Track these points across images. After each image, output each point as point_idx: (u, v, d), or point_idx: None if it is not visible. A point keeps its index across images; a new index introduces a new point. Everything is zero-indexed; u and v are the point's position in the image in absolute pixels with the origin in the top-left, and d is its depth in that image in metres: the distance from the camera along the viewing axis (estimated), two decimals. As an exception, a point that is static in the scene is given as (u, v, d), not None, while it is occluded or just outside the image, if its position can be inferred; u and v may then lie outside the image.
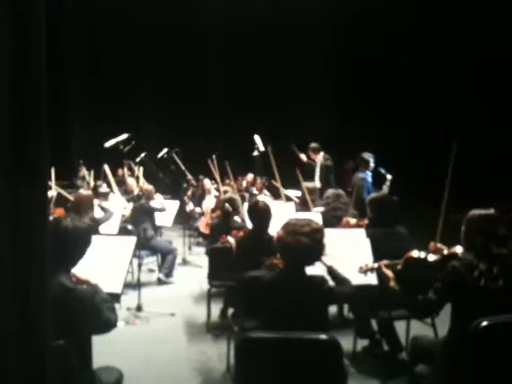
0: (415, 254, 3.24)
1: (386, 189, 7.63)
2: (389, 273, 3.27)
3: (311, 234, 2.73)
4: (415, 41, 12.63)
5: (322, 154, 8.57)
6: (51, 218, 3.22)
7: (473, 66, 12.09)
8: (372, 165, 7.89)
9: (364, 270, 3.52)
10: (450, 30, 12.06)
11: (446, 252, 3.16)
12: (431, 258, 3.19)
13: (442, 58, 12.49)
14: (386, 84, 12.81)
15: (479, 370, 2.59)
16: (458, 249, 3.09)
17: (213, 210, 7.40)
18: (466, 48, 12.08)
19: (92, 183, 9.96)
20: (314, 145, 8.62)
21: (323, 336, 2.35)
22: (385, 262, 3.42)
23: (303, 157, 8.96)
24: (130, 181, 8.50)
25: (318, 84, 13.33)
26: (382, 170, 7.78)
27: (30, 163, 1.43)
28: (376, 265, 3.53)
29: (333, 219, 5.55)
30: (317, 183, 6.92)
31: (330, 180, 8.36)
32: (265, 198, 7.93)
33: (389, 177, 7.64)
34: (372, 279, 3.70)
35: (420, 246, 3.64)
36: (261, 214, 4.47)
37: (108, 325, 2.59)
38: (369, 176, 7.90)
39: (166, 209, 7.43)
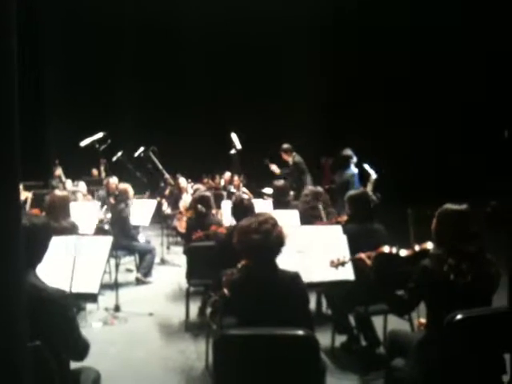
0: (386, 249, 3.27)
1: (370, 186, 7.66)
2: (367, 263, 3.31)
3: (259, 227, 2.75)
4: (396, 41, 12.78)
5: (294, 154, 8.57)
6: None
7: (458, 67, 12.29)
8: (354, 160, 7.91)
9: (336, 265, 3.55)
10: (431, 30, 12.25)
11: (417, 248, 3.19)
12: (403, 253, 3.22)
13: (431, 58, 12.69)
14: (367, 83, 12.95)
15: (453, 363, 2.63)
16: (429, 245, 3.12)
17: (186, 210, 7.38)
18: (452, 47, 12.27)
19: (68, 183, 9.88)
20: (285, 146, 8.60)
21: (300, 332, 2.36)
22: (362, 255, 3.46)
23: (274, 168, 8.91)
24: (112, 180, 8.40)
25: (296, 83, 13.40)
26: (367, 167, 7.81)
27: (1, 164, 1.41)
28: (347, 259, 3.57)
29: (311, 218, 5.59)
30: (282, 183, 6.91)
31: (304, 180, 8.34)
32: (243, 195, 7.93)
33: (373, 176, 7.68)
34: (349, 275, 3.73)
35: (396, 243, 3.67)
36: (245, 212, 4.48)
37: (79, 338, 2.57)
38: (356, 172, 7.94)
39: (138, 235, 7.35)
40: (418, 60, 12.81)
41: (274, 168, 8.89)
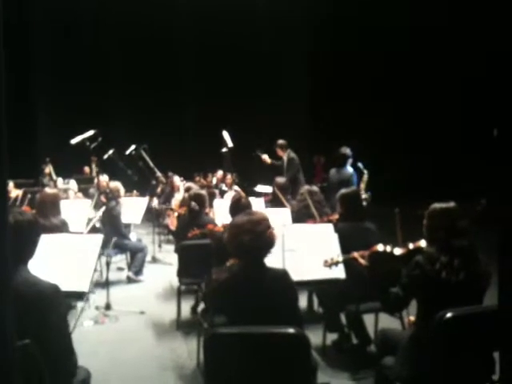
0: (380, 247, 3.27)
1: (363, 185, 7.66)
2: (362, 261, 3.32)
3: (252, 228, 2.72)
4: (389, 41, 12.81)
5: (288, 151, 8.53)
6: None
7: (446, 66, 12.35)
8: (351, 160, 7.90)
9: (329, 264, 3.55)
10: (423, 30, 12.30)
11: (411, 246, 3.20)
12: (397, 251, 3.23)
13: (416, 58, 12.73)
14: (359, 82, 12.98)
15: (443, 361, 2.64)
16: (423, 243, 3.13)
17: (179, 207, 7.35)
18: (439, 47, 12.33)
19: (59, 181, 9.83)
20: (281, 141, 8.54)
21: (291, 330, 2.36)
22: (355, 254, 3.46)
23: (266, 157, 8.86)
24: (102, 178, 8.37)
25: (288, 81, 13.44)
26: (360, 165, 7.81)
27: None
28: (341, 258, 3.57)
29: (304, 216, 5.59)
30: (285, 180, 6.89)
31: (298, 177, 8.31)
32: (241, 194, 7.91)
33: (366, 175, 7.68)
34: (340, 273, 3.73)
35: (388, 242, 3.67)
36: (243, 210, 4.47)
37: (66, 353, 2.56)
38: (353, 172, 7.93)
39: (129, 236, 7.32)
40: (410, 59, 12.87)
41: (266, 157, 8.80)
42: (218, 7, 13.23)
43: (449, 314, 2.58)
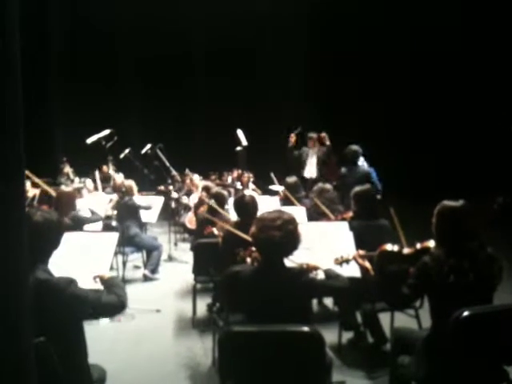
0: (389, 247, 3.24)
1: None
2: (365, 263, 3.29)
3: (283, 226, 2.71)
4: (393, 41, 12.76)
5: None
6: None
7: (447, 65, 12.29)
8: (361, 157, 7.87)
9: (339, 262, 3.52)
10: (426, 30, 12.25)
11: (419, 246, 3.15)
12: (405, 251, 3.20)
13: (418, 57, 12.69)
14: (365, 82, 12.94)
15: (460, 360, 2.62)
16: (431, 243, 3.07)
17: (197, 205, 7.37)
18: (438, 47, 12.27)
19: (77, 180, 9.93)
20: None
21: (305, 328, 2.36)
22: (360, 252, 3.44)
23: (292, 139, 8.65)
24: (118, 177, 8.43)
25: (298, 80, 13.45)
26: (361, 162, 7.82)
27: (4, 160, 1.42)
28: (351, 256, 3.54)
29: (316, 215, 5.58)
30: (295, 179, 6.91)
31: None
32: (251, 192, 7.92)
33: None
34: (355, 272, 3.72)
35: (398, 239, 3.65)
36: (247, 208, 4.48)
37: (111, 307, 2.61)
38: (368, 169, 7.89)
39: (151, 206, 7.38)
40: (414, 58, 12.82)
41: (293, 138, 8.63)
42: (224, 10, 13.31)
43: (465, 313, 2.53)
